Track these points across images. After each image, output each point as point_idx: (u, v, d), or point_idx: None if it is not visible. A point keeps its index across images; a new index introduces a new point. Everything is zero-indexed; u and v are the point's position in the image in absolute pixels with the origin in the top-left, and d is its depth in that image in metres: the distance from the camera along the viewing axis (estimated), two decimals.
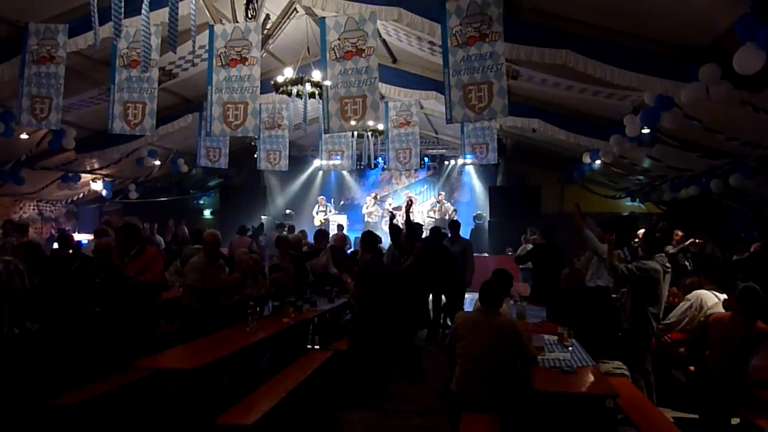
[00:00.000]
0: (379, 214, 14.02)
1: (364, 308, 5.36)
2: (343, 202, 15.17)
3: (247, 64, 6.16)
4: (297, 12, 6.89)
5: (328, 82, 6.07)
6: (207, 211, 15.88)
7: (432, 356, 6.60)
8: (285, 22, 6.92)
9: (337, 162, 10.80)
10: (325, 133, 7.44)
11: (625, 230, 6.65)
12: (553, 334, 4.40)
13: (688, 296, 4.92)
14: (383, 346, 5.47)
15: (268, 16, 6.82)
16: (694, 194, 9.04)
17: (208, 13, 6.42)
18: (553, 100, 7.95)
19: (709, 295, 4.80)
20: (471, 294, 7.17)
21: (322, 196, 14.31)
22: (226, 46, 6.17)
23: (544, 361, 3.86)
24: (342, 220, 13.22)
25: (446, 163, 14.96)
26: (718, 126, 6.38)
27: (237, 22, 6.41)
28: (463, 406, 3.63)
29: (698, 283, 5.14)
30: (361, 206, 14.38)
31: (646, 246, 4.97)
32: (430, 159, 14.84)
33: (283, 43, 7.91)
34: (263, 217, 13.52)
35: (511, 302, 5.98)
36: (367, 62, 5.85)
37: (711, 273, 5.47)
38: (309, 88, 6.94)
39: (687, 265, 7.30)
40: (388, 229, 7.27)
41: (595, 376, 3.70)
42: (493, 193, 13.54)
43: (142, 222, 7.04)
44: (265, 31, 6.69)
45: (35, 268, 4.00)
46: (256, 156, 10.70)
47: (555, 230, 7.56)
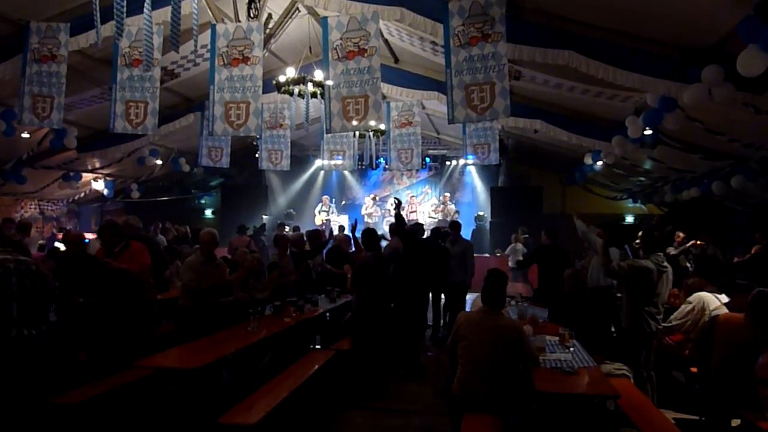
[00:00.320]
0: (379, 214, 14.01)
1: (364, 306, 5.35)
2: (344, 203, 15.15)
3: (249, 63, 6.16)
4: (299, 11, 6.89)
5: (330, 82, 6.07)
6: (208, 211, 15.89)
7: (433, 356, 6.60)
8: (287, 22, 6.92)
9: (339, 162, 10.79)
10: (327, 133, 7.42)
11: (621, 231, 6.62)
12: (554, 335, 4.41)
13: (690, 299, 4.90)
14: (383, 345, 5.46)
15: (270, 16, 6.82)
16: (695, 196, 9.03)
17: (211, 13, 6.42)
18: (555, 101, 7.94)
19: (711, 297, 4.79)
20: (472, 294, 7.16)
21: (327, 196, 14.21)
22: (228, 46, 6.17)
23: (546, 361, 3.87)
24: (344, 221, 13.21)
25: (448, 163, 14.94)
26: (720, 128, 6.38)
27: (239, 22, 6.41)
28: (465, 407, 3.63)
29: (698, 285, 5.14)
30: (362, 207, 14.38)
31: (642, 245, 4.97)
32: (432, 159, 14.82)
33: (285, 43, 7.91)
34: (264, 217, 13.52)
35: (512, 303, 5.98)
36: (369, 62, 5.85)
37: (710, 274, 5.46)
38: (311, 87, 6.92)
39: (689, 266, 7.30)
40: (395, 217, 7.13)
41: (596, 377, 3.69)
42: (495, 193, 13.52)
43: (143, 221, 7.02)
44: (268, 31, 6.70)
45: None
46: (257, 156, 10.70)
47: (556, 231, 7.55)
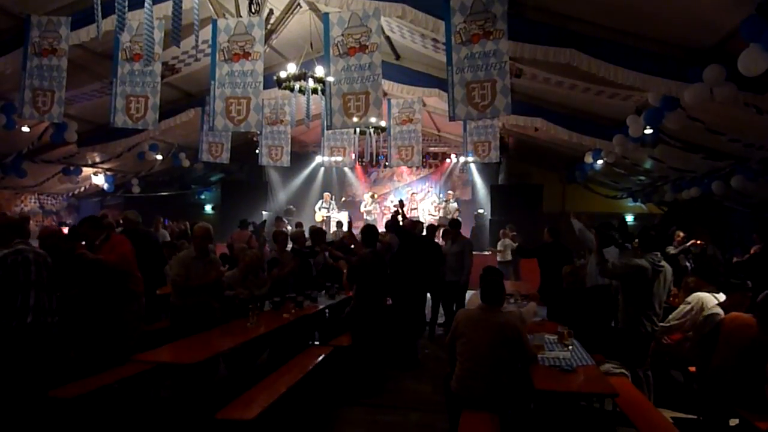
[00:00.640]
0: (378, 212, 13.99)
1: (362, 303, 5.36)
2: (344, 199, 15.13)
3: (250, 59, 6.15)
4: (300, 7, 6.88)
5: (331, 78, 6.06)
6: (208, 206, 15.88)
7: (431, 353, 6.61)
8: (288, 18, 6.91)
9: (339, 159, 10.78)
10: (328, 130, 7.41)
11: (615, 231, 6.59)
12: (553, 333, 4.41)
13: (689, 299, 4.90)
14: (382, 341, 5.47)
15: (271, 11, 6.80)
16: (695, 195, 9.03)
17: (212, 8, 6.41)
18: (556, 99, 7.93)
19: (709, 297, 4.78)
20: (470, 292, 7.14)
21: (328, 192, 14.19)
22: (229, 41, 6.16)
23: (544, 359, 3.87)
24: (344, 217, 13.19)
25: (448, 160, 14.94)
26: (721, 127, 6.37)
27: (240, 17, 6.39)
28: (463, 404, 3.63)
29: (697, 285, 5.13)
30: (361, 204, 14.35)
31: (639, 243, 4.97)
32: (432, 157, 14.79)
33: (287, 39, 7.90)
34: (264, 213, 13.50)
35: (511, 300, 5.97)
36: (370, 58, 5.84)
37: (708, 274, 5.46)
38: (312, 83, 6.92)
39: (688, 266, 7.30)
40: (392, 215, 7.12)
41: (594, 375, 3.70)
42: (495, 191, 13.50)
43: (143, 217, 7.01)
44: (269, 26, 6.68)
45: None
46: (257, 151, 10.70)
47: (559, 230, 7.50)
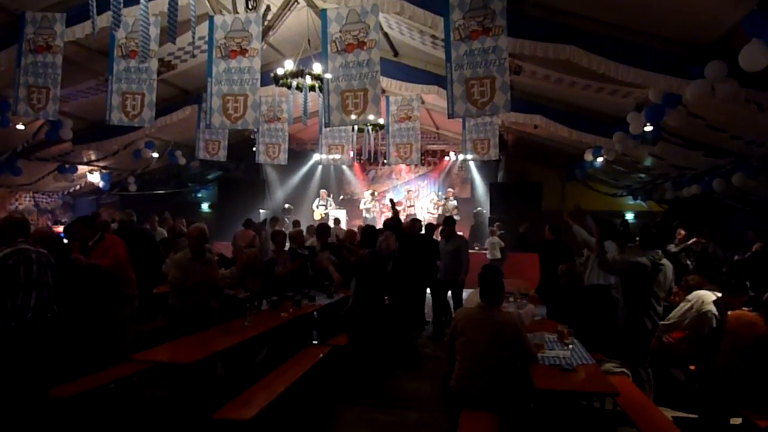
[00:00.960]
0: (377, 210, 13.95)
1: (360, 302, 5.32)
2: (342, 197, 15.10)
3: (247, 55, 6.09)
4: (298, 3, 6.81)
5: (328, 75, 6.00)
6: (205, 205, 15.80)
7: (431, 352, 6.58)
8: (286, 14, 6.85)
9: (337, 156, 10.73)
10: (326, 127, 7.34)
11: (615, 228, 6.56)
12: (553, 332, 4.38)
13: (689, 297, 4.88)
14: (381, 341, 5.43)
15: (268, 7, 6.74)
16: (696, 193, 9.00)
17: (208, 4, 6.35)
18: (556, 96, 7.89)
19: (709, 295, 4.76)
20: (467, 291, 7.11)
21: (325, 190, 14.18)
22: (226, 38, 6.10)
23: (544, 358, 3.84)
24: (341, 215, 13.16)
25: (447, 158, 14.89)
26: (722, 124, 6.34)
27: (237, 13, 6.34)
28: (462, 403, 3.61)
29: (698, 283, 5.11)
30: (360, 201, 14.32)
31: (640, 241, 4.94)
32: (431, 154, 14.75)
33: (284, 35, 7.84)
34: (261, 211, 13.45)
35: (510, 300, 5.94)
36: (368, 55, 5.78)
37: (710, 273, 5.42)
38: (309, 80, 6.87)
39: (689, 264, 7.27)
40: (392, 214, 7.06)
41: (595, 374, 3.67)
42: (494, 189, 13.46)
43: (138, 215, 6.96)
44: (266, 23, 6.62)
45: None
46: (255, 149, 10.63)
47: (560, 228, 7.44)
